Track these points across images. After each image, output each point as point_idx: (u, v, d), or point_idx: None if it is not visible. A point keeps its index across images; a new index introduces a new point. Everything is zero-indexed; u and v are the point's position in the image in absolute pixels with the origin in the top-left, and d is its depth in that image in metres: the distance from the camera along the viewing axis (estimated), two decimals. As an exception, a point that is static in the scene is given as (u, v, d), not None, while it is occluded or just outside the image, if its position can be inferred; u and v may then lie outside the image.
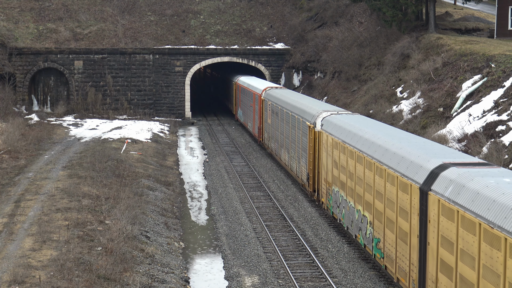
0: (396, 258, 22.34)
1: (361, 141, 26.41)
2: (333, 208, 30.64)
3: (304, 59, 68.41)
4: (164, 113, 69.53)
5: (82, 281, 21.19)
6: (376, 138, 25.40)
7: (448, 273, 17.92)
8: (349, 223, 27.94)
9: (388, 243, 23.08)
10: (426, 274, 19.55)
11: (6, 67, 64.83)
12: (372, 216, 24.69)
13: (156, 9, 76.27)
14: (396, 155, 22.72)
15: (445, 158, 20.45)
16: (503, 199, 15.49)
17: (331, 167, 30.67)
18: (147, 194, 34.97)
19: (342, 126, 29.79)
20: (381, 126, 28.80)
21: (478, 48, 43.43)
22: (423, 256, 19.81)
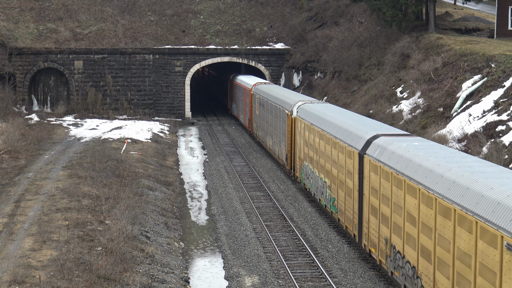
0: (345, 210, 28.49)
1: (323, 123, 32.78)
2: (304, 179, 36.69)
3: (304, 59, 68.42)
4: (164, 113, 69.53)
5: (82, 281, 21.19)
6: (333, 119, 31.64)
7: (375, 213, 24.33)
8: (315, 190, 34.16)
9: (340, 200, 29.35)
10: (363, 217, 25.90)
11: (6, 67, 64.83)
12: (330, 181, 30.97)
13: (156, 9, 76.28)
14: (346, 130, 28.89)
15: (379, 131, 26.68)
16: (407, 154, 22.16)
17: (303, 146, 36.80)
18: (147, 194, 34.97)
19: (311, 112, 35.79)
20: (341, 111, 35.34)
21: (478, 48, 43.44)
22: (360, 205, 26.19)
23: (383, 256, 23.67)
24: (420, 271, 20.04)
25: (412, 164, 21.21)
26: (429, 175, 19.74)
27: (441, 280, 18.41)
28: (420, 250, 19.98)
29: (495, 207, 15.81)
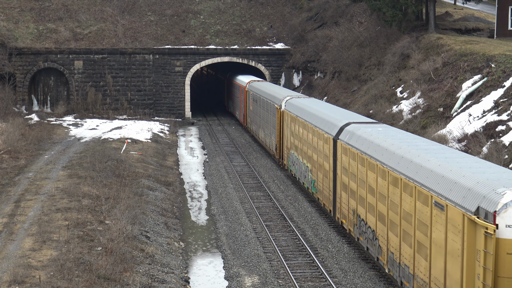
0: (323, 189, 32.73)
1: (306, 114, 36.74)
2: (291, 166, 40.95)
3: (304, 59, 68.42)
4: (164, 113, 69.53)
5: (82, 281, 21.19)
6: (315, 111, 35.80)
7: (345, 190, 28.57)
8: (299, 174, 38.35)
9: (319, 181, 33.54)
10: (336, 194, 30.08)
11: (6, 67, 64.84)
12: (311, 165, 35.20)
13: (156, 9, 76.27)
14: (324, 120, 33.14)
15: (351, 119, 30.78)
16: (370, 137, 26.21)
17: (290, 137, 41.00)
18: (147, 194, 34.97)
19: (297, 105, 39.91)
20: (322, 104, 40.41)
21: (478, 48, 43.43)
22: (334, 183, 30.35)
23: (351, 225, 27.94)
24: (378, 233, 24.28)
25: (373, 145, 25.32)
26: (385, 153, 23.92)
27: (392, 238, 22.75)
28: (377, 216, 24.22)
29: (428, 174, 19.97)
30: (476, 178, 17.60)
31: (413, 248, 20.79)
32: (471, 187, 17.32)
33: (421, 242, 20.09)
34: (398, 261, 22.13)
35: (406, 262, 21.41)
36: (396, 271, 22.38)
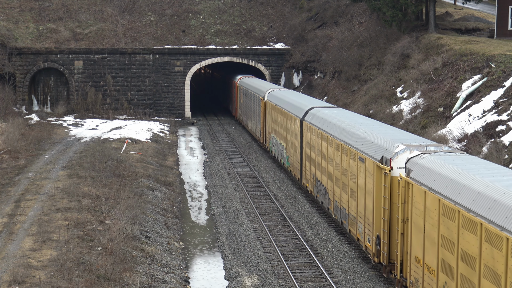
0: (293, 162, 39.67)
1: (283, 103, 43.62)
2: (271, 147, 47.51)
3: (304, 59, 68.42)
4: (164, 113, 69.54)
5: (82, 281, 21.19)
6: (289, 100, 42.53)
7: (308, 159, 35.37)
8: (278, 154, 45.10)
9: (291, 156, 40.51)
10: (302, 164, 37.22)
11: (6, 67, 64.84)
12: (285, 144, 42.00)
13: (156, 9, 76.28)
14: (295, 106, 39.82)
15: (315, 104, 37.81)
16: (325, 117, 32.86)
17: (271, 122, 47.61)
18: (147, 194, 34.97)
19: (277, 96, 46.68)
20: (296, 94, 47.13)
21: (478, 48, 43.43)
22: (301, 156, 37.44)
23: (312, 186, 34.87)
24: (328, 189, 31.20)
25: (326, 122, 32.28)
26: (333, 127, 30.89)
27: (336, 190, 29.78)
28: (328, 175, 31.11)
29: (357, 138, 27.05)
30: (384, 138, 24.64)
31: (348, 194, 27.86)
32: (380, 144, 24.34)
33: (352, 188, 27.11)
34: (340, 206, 29.28)
35: (344, 206, 28.60)
36: (339, 214, 29.52)
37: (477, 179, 17.44)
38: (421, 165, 20.56)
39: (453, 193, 17.82)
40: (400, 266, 21.90)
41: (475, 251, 16.26)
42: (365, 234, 25.47)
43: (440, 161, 20.07)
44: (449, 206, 17.76)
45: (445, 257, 18.11)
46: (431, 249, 19.11)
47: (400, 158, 22.41)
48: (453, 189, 17.93)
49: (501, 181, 16.90)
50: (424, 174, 20.03)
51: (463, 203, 17.14)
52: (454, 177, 18.32)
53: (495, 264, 15.30)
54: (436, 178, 19.21)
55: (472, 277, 16.46)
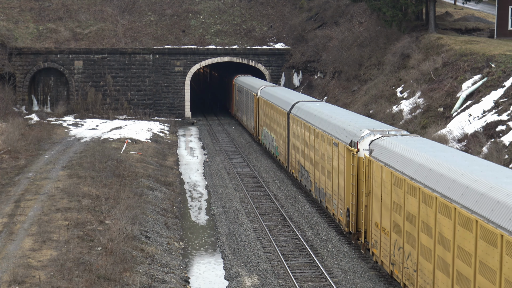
0: (282, 152, 43.37)
1: (273, 98, 47.27)
2: (263, 139, 51.39)
3: (304, 59, 68.41)
4: (164, 113, 69.54)
5: (82, 281, 21.18)
6: (279, 95, 46.24)
7: (294, 148, 39.19)
8: (268, 145, 48.73)
9: (280, 146, 44.18)
10: (289, 152, 40.91)
11: (6, 67, 64.83)
12: (275, 135, 45.51)
13: (156, 9, 76.27)
14: (283, 100, 43.55)
15: (301, 99, 41.57)
16: (308, 109, 36.74)
17: (263, 116, 51.19)
18: (147, 194, 34.96)
19: (268, 92, 50.19)
20: (285, 90, 50.84)
21: (478, 48, 43.43)
22: (288, 145, 41.06)
23: (297, 172, 38.61)
24: (310, 172, 35.34)
25: (309, 114, 36.04)
26: (318, 120, 33.78)
27: (316, 173, 33.85)
28: (309, 160, 35.17)
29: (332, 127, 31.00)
30: (354, 125, 28.52)
31: (325, 176, 31.78)
32: (350, 130, 28.27)
33: (328, 170, 31.16)
34: (319, 186, 33.22)
35: (322, 186, 32.55)
36: (318, 194, 33.66)
37: (420, 154, 21.55)
38: (380, 146, 24.55)
39: (402, 166, 21.91)
40: (364, 232, 26.05)
41: (415, 211, 20.32)
42: (338, 208, 29.47)
43: (395, 142, 24.04)
44: (398, 177, 21.82)
45: (396, 219, 22.17)
46: (386, 214, 23.18)
47: (365, 141, 26.20)
48: (402, 163, 22.03)
49: (438, 155, 21.01)
50: (382, 153, 24.04)
51: (408, 173, 21.21)
52: (403, 154, 22.44)
53: (428, 219, 19.33)
54: (390, 155, 23.30)
55: (413, 232, 20.60)
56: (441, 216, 18.39)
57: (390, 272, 23.22)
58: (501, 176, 17.75)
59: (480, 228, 16.23)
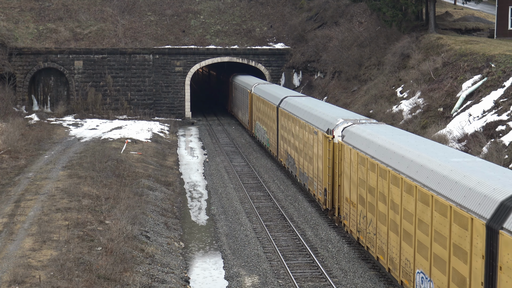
0: (272, 143, 47.19)
1: (264, 94, 50.88)
2: (256, 133, 55.01)
3: (304, 59, 68.41)
4: (164, 113, 69.54)
5: (82, 281, 21.19)
6: (270, 91, 49.91)
7: (282, 139, 42.77)
8: (261, 137, 52.48)
9: (270, 138, 47.92)
10: (278, 143, 44.66)
11: (6, 67, 64.83)
12: (267, 128, 49.14)
13: (156, 9, 76.28)
14: (273, 96, 47.36)
15: (288, 94, 45.54)
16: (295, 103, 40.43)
17: (256, 111, 54.87)
18: (147, 194, 34.97)
19: (260, 89, 53.99)
20: (276, 86, 55.50)
21: (478, 48, 43.43)
22: (277, 136, 44.75)
23: (285, 160, 42.26)
24: (295, 159, 38.93)
25: (295, 107, 39.74)
26: (302, 112, 37.49)
27: (300, 159, 37.59)
28: (295, 149, 38.87)
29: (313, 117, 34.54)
30: (331, 115, 31.94)
31: (307, 161, 35.61)
32: (327, 120, 31.75)
33: (310, 156, 34.77)
34: (302, 171, 37.00)
35: (305, 171, 36.29)
36: (302, 178, 37.31)
37: (381, 137, 25.23)
38: (350, 132, 28.40)
39: (365, 147, 25.85)
40: (338, 208, 29.94)
41: (375, 184, 24.20)
42: (318, 189, 33.23)
43: (362, 128, 27.72)
44: (362, 156, 25.75)
45: (361, 193, 26.04)
46: (353, 189, 27.13)
47: (339, 128, 29.86)
48: (366, 145, 25.93)
49: (395, 138, 24.79)
50: (351, 138, 27.92)
51: (369, 153, 25.16)
52: (367, 137, 26.27)
53: (384, 190, 23.31)
54: (357, 139, 27.13)
55: (373, 202, 24.44)
56: (392, 186, 22.37)
57: (357, 239, 27.02)
58: (439, 151, 21.75)
59: (418, 192, 20.17)
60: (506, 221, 15.22)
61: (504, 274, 15.11)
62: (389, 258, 23.03)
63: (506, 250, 15.01)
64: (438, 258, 18.71)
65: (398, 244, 21.85)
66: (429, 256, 19.27)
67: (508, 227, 15.09)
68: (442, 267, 18.46)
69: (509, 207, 15.44)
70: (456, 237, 17.51)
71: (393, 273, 22.74)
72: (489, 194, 16.50)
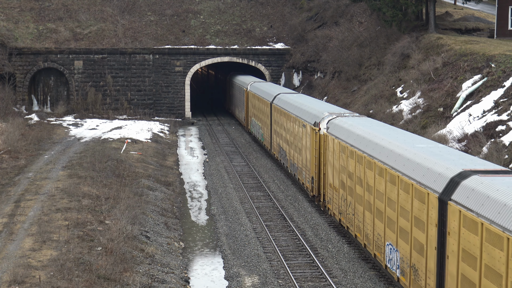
0: (266, 137, 49.88)
1: (259, 91, 53.51)
2: (252, 128, 57.53)
3: (304, 59, 68.40)
4: (164, 113, 69.53)
5: (82, 281, 21.19)
6: (264, 89, 52.63)
7: (275, 133, 45.56)
8: (256, 132, 55.17)
9: (264, 132, 50.62)
10: (271, 137, 47.18)
11: (6, 67, 64.83)
12: (261, 123, 52.07)
13: (156, 9, 76.27)
14: (267, 93, 49.89)
15: (282, 91, 48.31)
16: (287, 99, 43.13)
17: (251, 108, 57.56)
18: (147, 194, 34.96)
19: (256, 87, 56.34)
20: (271, 84, 58.30)
21: (478, 48, 43.42)
22: (271, 131, 47.37)
23: (277, 153, 44.96)
24: (286, 151, 41.61)
25: (286, 103, 42.27)
26: (292, 107, 40.08)
27: (290, 151, 40.28)
28: (286, 142, 41.44)
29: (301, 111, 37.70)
30: (318, 110, 34.65)
31: (297, 152, 38.12)
32: (315, 114, 34.41)
33: (299, 147, 37.30)
34: (293, 162, 39.63)
35: (295, 161, 38.82)
36: (292, 169, 39.99)
37: (359, 128, 28.08)
38: (334, 124, 31.20)
39: (346, 137, 28.61)
40: (323, 194, 32.94)
41: (353, 169, 27.08)
42: (306, 178, 35.98)
43: (345, 120, 30.75)
44: (343, 145, 28.56)
45: (342, 178, 28.95)
46: (336, 175, 30.02)
47: (325, 121, 32.50)
48: (346, 135, 28.67)
49: (373, 128, 27.63)
50: (334, 129, 30.70)
51: (349, 142, 27.86)
52: (348, 128, 29.07)
53: (361, 174, 26.12)
54: (339, 130, 29.96)
55: (352, 186, 27.29)
56: (367, 170, 25.14)
57: (339, 220, 29.88)
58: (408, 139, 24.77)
59: (388, 174, 22.88)
60: (454, 194, 17.89)
61: (451, 238, 17.78)
62: (364, 235, 25.89)
63: (453, 218, 17.66)
64: (403, 230, 21.50)
65: (372, 221, 24.74)
66: (396, 229, 22.06)
67: (455, 198, 17.71)
68: (405, 238, 21.26)
69: (457, 182, 18.10)
70: (416, 210, 20.34)
71: (368, 248, 25.44)
72: (442, 172, 19.20)
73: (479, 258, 16.20)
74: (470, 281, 16.66)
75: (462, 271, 17.13)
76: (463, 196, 17.41)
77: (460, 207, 17.28)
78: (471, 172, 18.23)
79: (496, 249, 15.42)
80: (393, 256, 22.50)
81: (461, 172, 18.45)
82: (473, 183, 17.43)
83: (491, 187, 16.73)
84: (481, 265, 16.11)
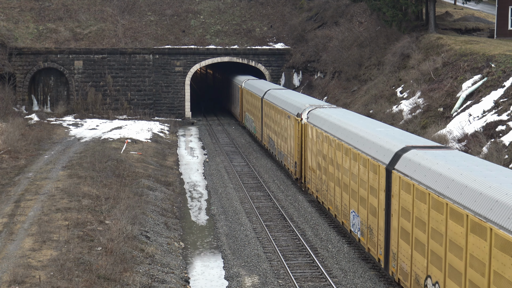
0: (257, 129, 53.49)
1: (253, 88, 56.77)
2: (246, 123, 61.24)
3: (304, 59, 68.40)
4: (164, 113, 69.53)
5: (82, 281, 21.19)
6: (257, 85, 56.23)
7: (266, 126, 49.32)
8: (249, 126, 58.81)
9: (256, 125, 54.50)
10: (262, 130, 51.00)
11: (6, 67, 64.82)
12: (253, 117, 55.90)
13: (156, 9, 76.27)
14: (259, 89, 53.68)
15: (271, 87, 51.83)
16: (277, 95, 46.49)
17: (245, 104, 61.14)
18: (147, 194, 34.96)
19: (250, 84, 59.52)
20: (263, 81, 60.61)
21: (478, 48, 43.42)
22: (262, 124, 51.10)
23: (267, 143, 48.64)
24: (275, 142, 45.28)
25: (276, 98, 45.93)
26: (280, 101, 43.83)
27: (278, 140, 44.07)
28: (274, 132, 45.34)
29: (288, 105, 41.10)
30: (301, 102, 38.85)
31: (283, 141, 41.83)
32: (298, 106, 38.51)
33: (285, 136, 41.15)
34: (280, 150, 43.61)
35: (282, 149, 42.86)
36: (279, 156, 44.07)
37: (333, 116, 32.31)
38: (313, 114, 35.40)
39: (321, 124, 33.03)
40: (304, 177, 37.28)
41: (327, 152, 31.47)
42: (290, 163, 40.08)
43: (322, 111, 35.00)
44: (319, 131, 33.04)
45: (318, 161, 33.35)
46: (314, 159, 34.42)
47: (306, 112, 36.70)
48: (322, 123, 33.01)
49: (346, 117, 31.76)
50: (313, 119, 34.91)
51: (324, 128, 32.25)
52: (323, 117, 33.29)
53: (333, 156, 30.43)
54: (317, 119, 34.24)
55: (326, 166, 31.76)
56: (337, 151, 29.60)
57: (316, 197, 34.36)
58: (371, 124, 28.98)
59: (351, 153, 27.42)
60: (396, 164, 22.46)
61: (394, 199, 22.46)
62: (335, 207, 30.25)
63: (395, 183, 22.32)
64: (362, 198, 26.02)
65: (340, 194, 29.17)
66: (357, 198, 26.59)
67: (397, 167, 22.29)
68: (364, 204, 25.78)
69: (399, 154, 22.72)
70: (371, 180, 24.81)
71: (338, 217, 29.76)
72: (390, 148, 23.78)
73: (411, 213, 20.84)
74: (406, 231, 21.35)
75: (402, 224, 21.68)
76: (402, 165, 21.99)
77: (400, 174, 21.86)
78: (411, 147, 22.87)
79: (422, 204, 20.04)
80: (356, 221, 26.92)
81: (404, 147, 23.06)
82: (411, 155, 22.00)
83: (422, 158, 21.23)
84: (413, 218, 20.72)
